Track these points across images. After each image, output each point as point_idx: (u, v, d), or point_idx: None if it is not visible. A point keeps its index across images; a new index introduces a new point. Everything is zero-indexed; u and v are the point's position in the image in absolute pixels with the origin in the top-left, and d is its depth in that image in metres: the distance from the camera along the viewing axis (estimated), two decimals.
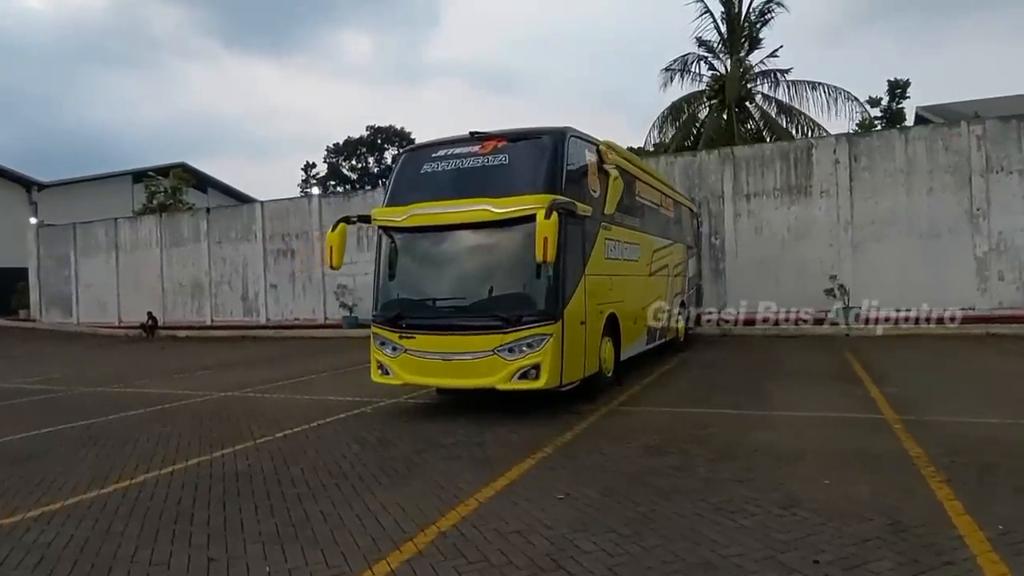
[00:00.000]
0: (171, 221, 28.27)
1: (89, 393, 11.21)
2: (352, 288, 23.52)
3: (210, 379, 12.51)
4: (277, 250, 25.33)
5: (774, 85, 24.13)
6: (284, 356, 16.45)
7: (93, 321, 29.13)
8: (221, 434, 7.45)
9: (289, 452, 6.48)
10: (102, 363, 16.56)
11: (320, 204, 24.68)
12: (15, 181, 45.25)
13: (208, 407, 9.32)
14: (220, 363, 15.15)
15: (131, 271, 28.52)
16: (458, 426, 7.37)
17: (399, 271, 8.36)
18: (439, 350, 7.62)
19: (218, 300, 26.58)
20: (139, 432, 7.70)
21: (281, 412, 8.68)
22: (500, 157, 7.87)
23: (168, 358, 17.17)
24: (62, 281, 30.67)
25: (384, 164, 66.64)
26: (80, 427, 8.17)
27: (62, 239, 30.67)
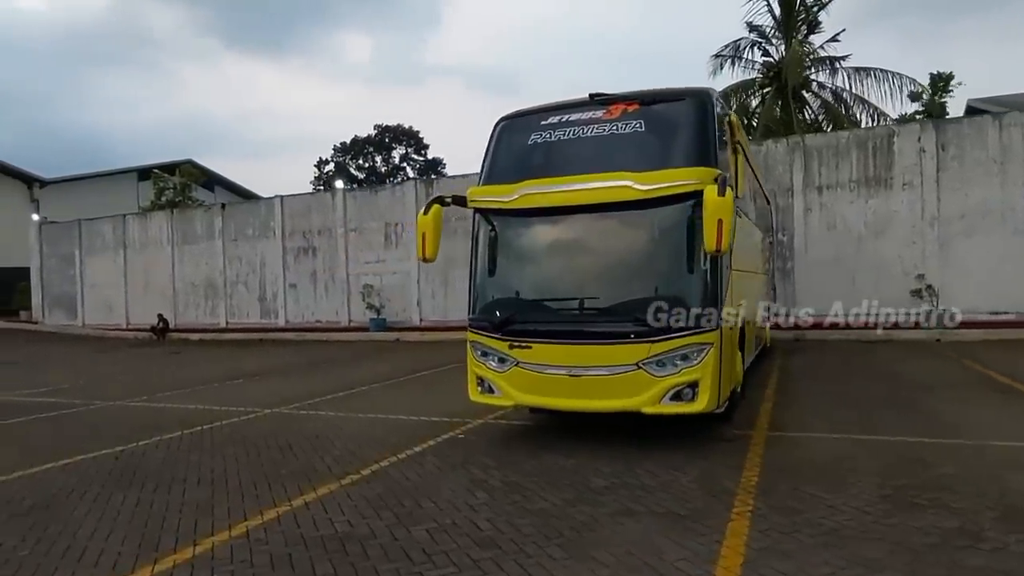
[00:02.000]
0: (183, 218, 26.65)
1: (109, 409, 9.61)
2: (379, 288, 21.99)
3: (245, 391, 10.91)
4: (297, 248, 23.70)
5: (831, 72, 22.57)
6: (316, 363, 14.84)
7: (99, 323, 27.51)
8: (290, 470, 5.85)
9: (394, 502, 4.88)
10: (115, 370, 14.96)
11: (344, 199, 23.06)
12: (16, 177, 43.70)
13: (257, 429, 7.72)
14: (250, 371, 13.55)
15: (140, 270, 26.90)
16: (590, 460, 5.78)
17: (507, 263, 6.75)
18: (564, 363, 6.02)
19: (233, 301, 24.95)
20: (183, 467, 6.11)
21: (351, 438, 7.08)
22: (634, 123, 6.29)
23: (187, 365, 15.56)
24: (66, 281, 29.04)
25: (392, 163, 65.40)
26: (106, 457, 6.57)
27: (66, 237, 29.04)
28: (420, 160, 66.04)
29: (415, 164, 65.57)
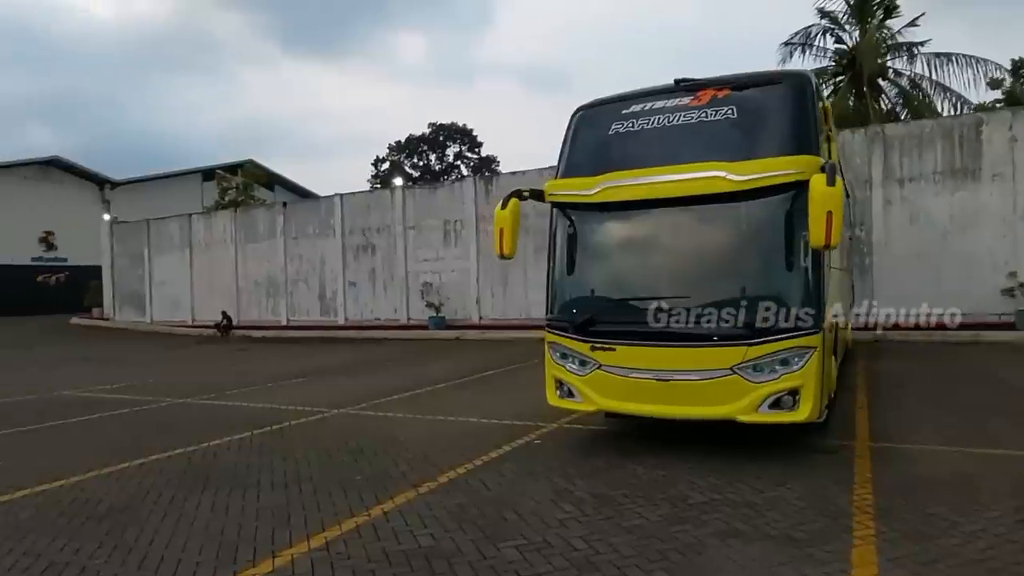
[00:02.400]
0: (246, 216, 27.15)
1: (179, 406, 9.65)
2: (438, 286, 21.91)
3: (311, 390, 10.84)
4: (357, 246, 23.82)
5: (909, 58, 21.40)
6: (378, 361, 14.75)
7: (166, 320, 28.28)
8: (364, 476, 5.62)
9: (476, 513, 4.59)
10: (183, 367, 15.20)
11: (404, 196, 23.04)
12: (88, 179, 45.51)
13: (327, 430, 7.56)
14: (314, 369, 13.54)
15: (205, 268, 27.53)
16: (680, 470, 5.39)
17: (588, 260, 6.39)
18: (652, 367, 5.63)
19: (294, 299, 25.28)
20: (255, 469, 5.96)
21: (423, 441, 6.84)
22: (725, 110, 5.84)
23: (252, 362, 15.69)
24: (135, 279, 29.97)
25: (446, 161, 65.69)
26: (179, 458, 6.49)
27: (136, 236, 29.97)
28: (474, 158, 66.17)
29: (469, 162, 65.75)
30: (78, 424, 8.43)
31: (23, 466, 6.31)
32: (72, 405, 9.94)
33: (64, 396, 10.94)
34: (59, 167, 44.62)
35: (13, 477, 5.92)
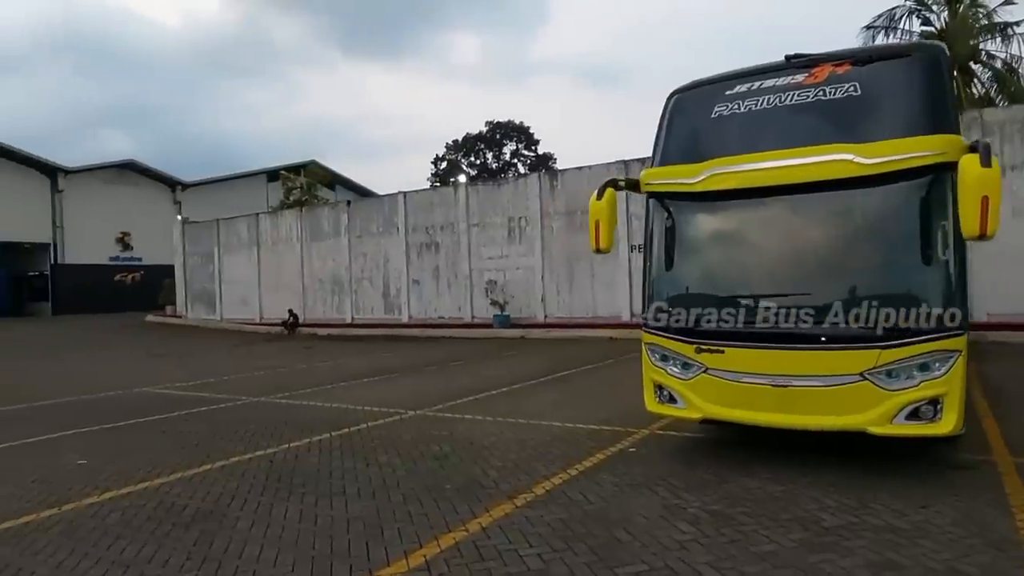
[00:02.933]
0: (311, 215, 27.45)
1: (254, 405, 9.56)
2: (502, 284, 21.60)
3: (384, 390, 10.65)
4: (420, 244, 23.74)
5: (1004, 39, 19.96)
6: (446, 360, 14.51)
7: (235, 317, 28.84)
8: (454, 484, 5.29)
9: (584, 531, 4.19)
10: (254, 364, 15.29)
11: (467, 193, 22.82)
12: (161, 181, 47.07)
13: (406, 433, 7.28)
14: (383, 368, 13.39)
15: (272, 267, 27.95)
16: (802, 486, 4.87)
17: (691, 254, 5.90)
18: (767, 371, 5.11)
19: (358, 297, 25.38)
20: (338, 475, 5.70)
21: (509, 447, 6.48)
22: (847, 86, 5.26)
23: (320, 360, 15.68)
24: (206, 277, 30.70)
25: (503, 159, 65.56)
26: (261, 460, 6.30)
27: (206, 235, 30.69)
28: (531, 155, 65.87)
29: (526, 159, 65.49)
30: (158, 422, 8.40)
31: (108, 466, 6.22)
32: (151, 402, 10.00)
33: (143, 393, 11.05)
34: (134, 170, 46.30)
35: (99, 478, 5.83)
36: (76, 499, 5.25)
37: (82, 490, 5.48)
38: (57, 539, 4.42)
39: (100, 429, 8.05)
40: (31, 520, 4.80)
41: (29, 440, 7.54)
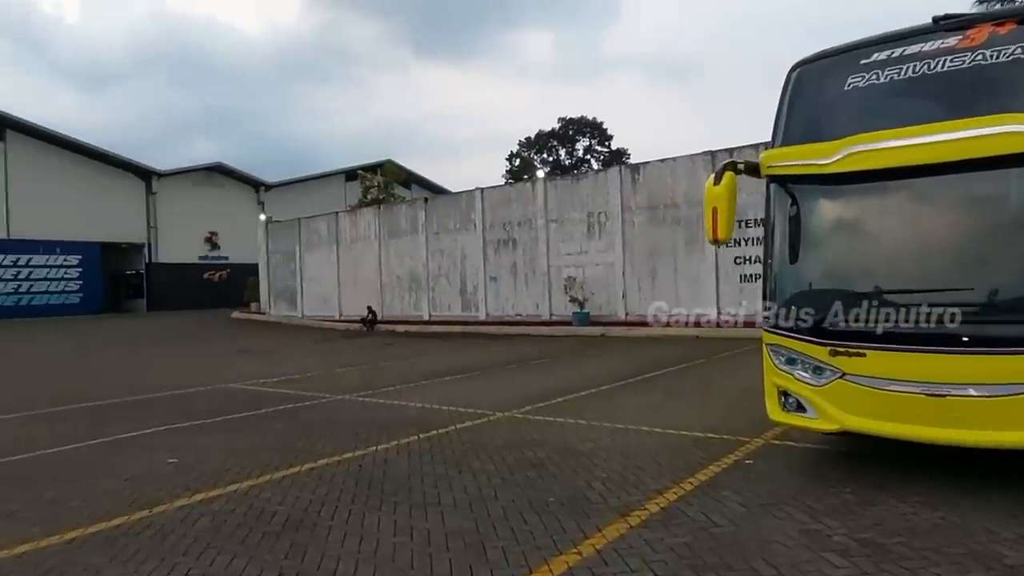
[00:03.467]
0: (389, 213, 27.63)
1: (338, 403, 9.40)
2: (581, 280, 21.04)
3: (468, 389, 10.33)
4: (498, 240, 23.46)
5: None
6: (527, 359, 14.10)
7: (316, 314, 29.36)
8: (557, 497, 4.84)
9: (716, 560, 3.66)
10: (336, 360, 15.32)
11: (546, 188, 22.37)
12: (245, 182, 48.72)
13: (497, 437, 6.89)
14: (464, 366, 13.10)
15: (350, 264, 28.30)
16: (963, 511, 4.18)
17: (823, 244, 5.26)
18: (920, 378, 4.43)
19: (436, 294, 25.34)
20: (431, 482, 5.34)
21: (611, 455, 5.98)
22: (1013, 48, 4.51)
23: (400, 357, 15.56)
24: (288, 275, 31.41)
25: (576, 156, 64.83)
26: (349, 463, 6.03)
27: (288, 234, 31.40)
28: (604, 151, 64.87)
29: (599, 156, 64.56)
30: (246, 420, 8.33)
31: (198, 465, 6.09)
32: (238, 398, 10.00)
33: (230, 389, 11.12)
34: (221, 172, 48.12)
35: (189, 478, 5.68)
36: (167, 500, 5.09)
37: (172, 491, 5.33)
38: (147, 545, 4.22)
39: (190, 426, 8.02)
40: (122, 523, 4.64)
41: (125, 435, 7.55)
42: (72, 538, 4.40)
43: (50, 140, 41.23)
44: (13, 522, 4.74)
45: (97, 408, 9.62)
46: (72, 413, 9.26)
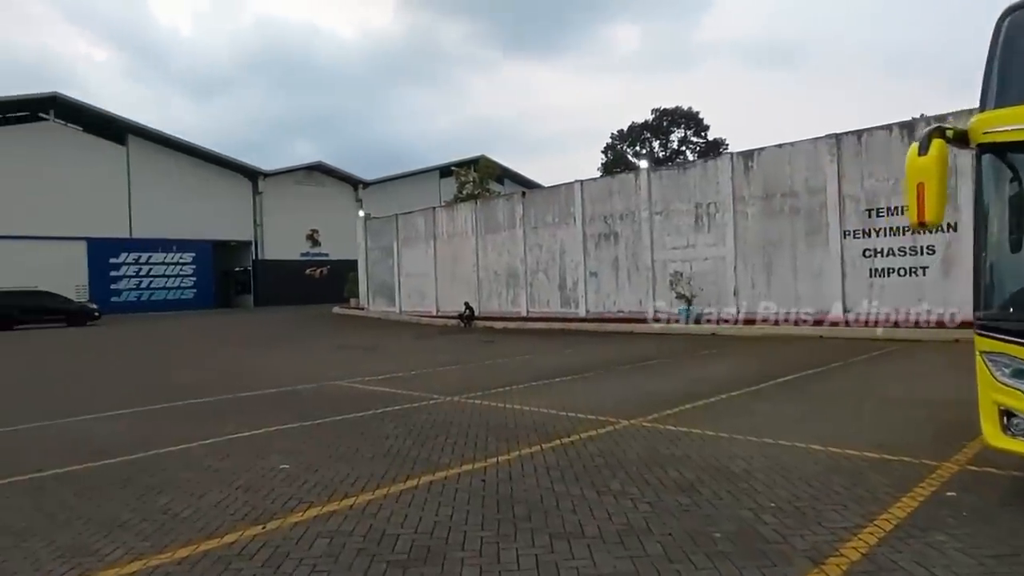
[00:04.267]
0: (486, 207, 27.28)
1: (448, 405, 8.92)
2: (688, 276, 19.92)
3: (583, 391, 9.64)
4: (598, 234, 22.62)
5: None
6: (637, 359, 13.25)
7: (413, 310, 29.47)
8: (723, 531, 4.07)
9: None
10: (438, 358, 14.99)
11: (649, 179, 21.33)
12: (344, 180, 49.90)
13: (629, 449, 6.15)
14: (571, 366, 12.42)
15: (447, 260, 28.18)
16: None
17: None
18: None
19: (534, 289, 24.79)
20: (567, 505, 4.68)
21: (770, 477, 5.13)
22: None
23: (505, 355, 15.05)
24: (386, 271, 31.71)
25: (670, 148, 62.87)
26: (471, 477, 5.45)
27: (386, 230, 31.68)
28: (700, 142, 62.63)
29: (694, 147, 62.36)
30: (355, 422, 7.95)
31: (310, 474, 5.69)
32: (345, 397, 9.71)
33: (336, 387, 10.88)
34: (321, 171, 49.54)
35: (303, 488, 5.26)
36: (280, 515, 4.67)
37: (285, 503, 4.91)
38: (262, 573, 3.76)
39: (300, 427, 7.72)
40: (235, 541, 4.23)
41: (235, 436, 7.32)
42: (183, 557, 4.01)
43: (166, 144, 43.59)
44: (124, 533, 4.43)
45: (209, 405, 9.56)
46: (186, 410, 9.22)
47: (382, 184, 50.82)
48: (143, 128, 42.85)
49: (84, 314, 32.09)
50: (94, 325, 31.28)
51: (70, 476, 5.91)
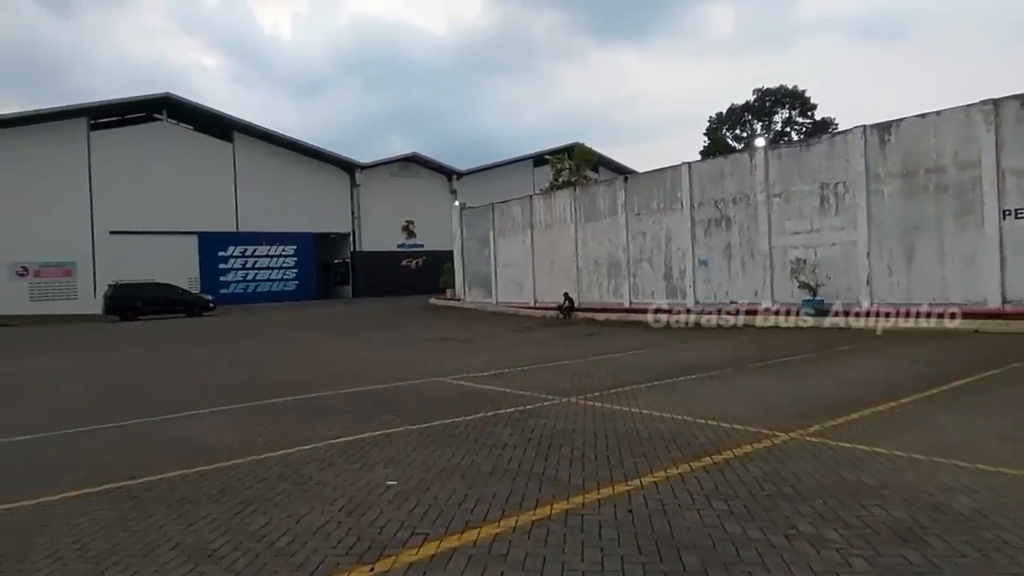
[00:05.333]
0: (585, 194, 26.15)
1: (566, 408, 7.97)
2: (813, 263, 18.14)
3: (713, 395, 8.49)
4: (708, 219, 21.08)
5: None
6: (767, 356, 11.87)
7: (510, 301, 28.76)
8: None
9: None
10: (542, 352, 14.10)
11: (767, 158, 19.58)
12: (438, 171, 49.97)
13: (800, 473, 5.00)
14: (691, 364, 11.23)
15: (545, 249, 27.27)
16: None
17: None
18: None
19: (636, 279, 23.51)
20: (750, 549, 3.64)
21: (1015, 521, 3.89)
22: None
23: (611, 351, 13.97)
24: (482, 261, 31.17)
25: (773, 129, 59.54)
26: (615, 507, 4.47)
27: (482, 220, 31.12)
28: (806, 123, 59.06)
29: (800, 127, 58.83)
30: (465, 427, 7.13)
31: (421, 494, 4.89)
32: (451, 396, 8.95)
33: (440, 383, 10.17)
34: (417, 162, 49.80)
35: (414, 514, 4.45)
36: (391, 549, 3.87)
37: (396, 533, 4.11)
38: None
39: (405, 431, 6.97)
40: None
41: (336, 440, 6.66)
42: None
43: (268, 139, 44.88)
44: (213, 568, 3.74)
45: (311, 402, 9.03)
46: (288, 407, 8.71)
47: (476, 174, 50.49)
48: (248, 125, 44.26)
49: (200, 305, 33.46)
50: (210, 315, 32.52)
51: (164, 485, 5.37)
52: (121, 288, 32.15)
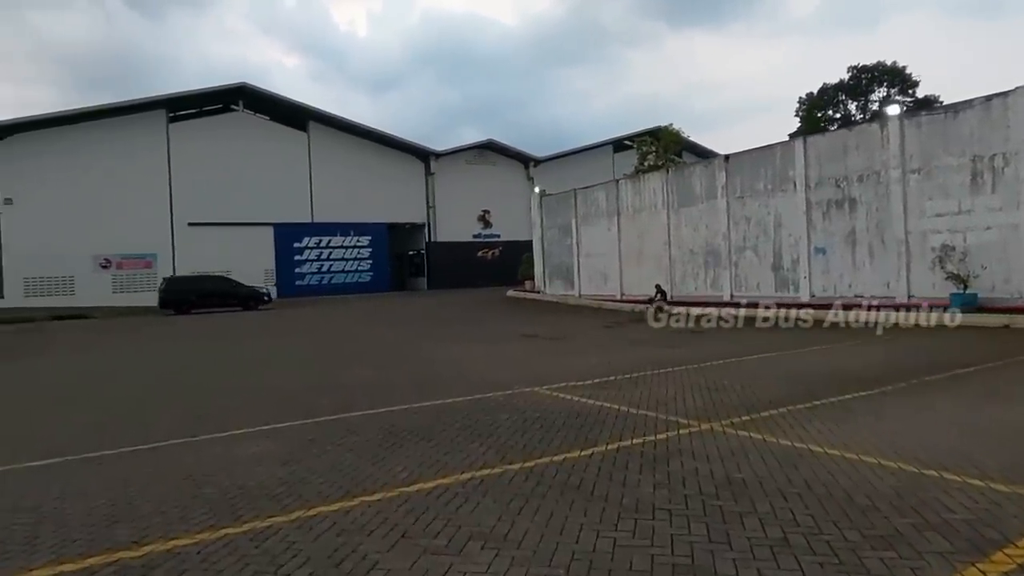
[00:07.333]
0: (678, 177, 23.82)
1: (711, 438, 6.00)
2: (962, 250, 15.36)
3: (926, 427, 6.31)
4: (827, 201, 18.45)
5: None
6: (946, 365, 9.51)
7: (594, 293, 26.77)
8: None
9: None
10: (644, 354, 12.11)
11: (902, 128, 16.81)
12: (515, 158, 48.24)
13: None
14: (846, 373, 9.06)
15: (633, 237, 25.11)
16: None
17: None
18: None
19: (739, 270, 21.08)
20: None
21: None
22: None
23: (728, 354, 11.77)
24: (564, 251, 29.26)
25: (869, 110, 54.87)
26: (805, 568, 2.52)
27: (563, 207, 29.20)
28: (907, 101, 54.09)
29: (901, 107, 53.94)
30: (584, 469, 5.24)
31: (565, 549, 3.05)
32: (551, 417, 7.07)
33: (533, 396, 8.33)
34: (493, 149, 48.22)
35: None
36: None
37: None
38: None
39: (503, 473, 5.16)
40: None
41: (412, 488, 4.93)
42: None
43: (342, 128, 44.19)
44: None
45: (380, 420, 7.35)
46: (350, 428, 7.06)
47: (553, 161, 48.50)
48: (322, 114, 43.71)
49: (254, 298, 32.65)
50: (265, 309, 31.77)
51: (172, 562, 3.74)
52: (175, 282, 31.91)
